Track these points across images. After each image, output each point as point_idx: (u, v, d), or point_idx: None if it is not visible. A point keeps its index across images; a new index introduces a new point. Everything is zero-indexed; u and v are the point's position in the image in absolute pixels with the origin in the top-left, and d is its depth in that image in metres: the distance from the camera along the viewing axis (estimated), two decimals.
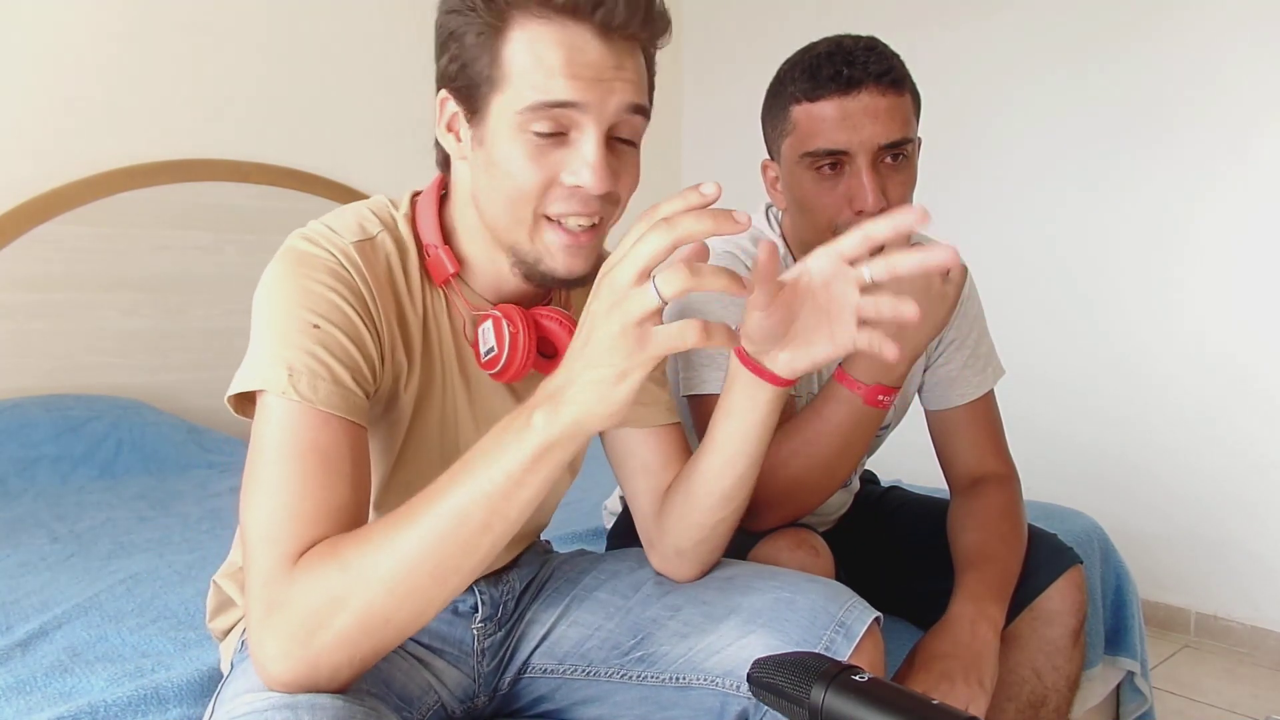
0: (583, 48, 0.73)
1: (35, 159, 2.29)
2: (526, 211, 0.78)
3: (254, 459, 0.72)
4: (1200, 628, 2.42)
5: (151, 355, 2.44)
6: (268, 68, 2.65)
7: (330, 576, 0.66)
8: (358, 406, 0.75)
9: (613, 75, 0.74)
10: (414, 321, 0.84)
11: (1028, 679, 1.18)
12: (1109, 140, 2.51)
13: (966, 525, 1.21)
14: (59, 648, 1.14)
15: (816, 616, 0.84)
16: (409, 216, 0.86)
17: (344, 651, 0.66)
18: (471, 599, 0.96)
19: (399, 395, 0.84)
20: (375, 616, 0.66)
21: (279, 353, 0.73)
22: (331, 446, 0.72)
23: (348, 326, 0.76)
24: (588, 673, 0.94)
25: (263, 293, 0.77)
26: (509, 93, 0.75)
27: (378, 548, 0.66)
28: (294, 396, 0.71)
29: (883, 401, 1.06)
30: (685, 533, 0.91)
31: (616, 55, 0.75)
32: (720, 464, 0.86)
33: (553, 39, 0.73)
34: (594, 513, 1.71)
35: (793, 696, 0.59)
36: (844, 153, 1.05)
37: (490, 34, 0.75)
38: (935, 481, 1.42)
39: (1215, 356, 2.36)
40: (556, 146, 0.76)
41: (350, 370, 0.75)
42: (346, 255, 0.78)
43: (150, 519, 1.77)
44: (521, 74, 0.74)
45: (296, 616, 0.66)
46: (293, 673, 0.66)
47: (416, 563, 0.65)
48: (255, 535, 0.69)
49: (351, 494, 0.72)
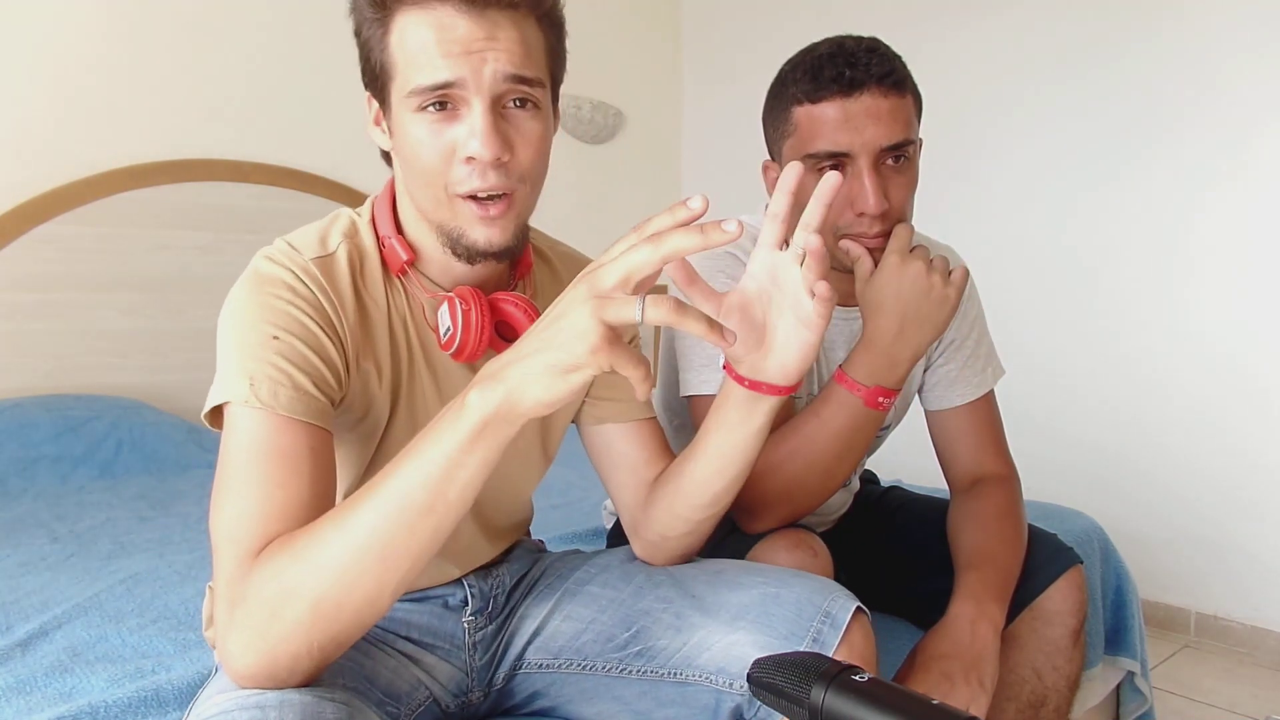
0: (451, 25, 0.76)
1: (35, 159, 2.29)
2: (440, 190, 0.80)
3: (220, 468, 0.74)
4: (1200, 628, 2.42)
5: (151, 355, 2.44)
6: (267, 67, 2.65)
7: (283, 566, 0.67)
8: (319, 410, 0.77)
9: (484, 47, 0.76)
10: (379, 319, 0.86)
11: (1028, 679, 1.18)
12: (1111, 140, 2.51)
13: (966, 526, 1.21)
14: (59, 648, 1.14)
15: (803, 609, 0.85)
16: (370, 220, 0.89)
17: (299, 640, 0.67)
18: (461, 592, 0.97)
19: (374, 397, 0.86)
20: (327, 603, 0.67)
21: (241, 365, 0.76)
22: (292, 449, 0.74)
23: (307, 336, 0.78)
24: (583, 667, 0.95)
25: (227, 312, 0.80)
26: (399, 80, 0.79)
27: (325, 536, 0.68)
28: (256, 404, 0.74)
29: (883, 404, 1.06)
30: (672, 524, 0.94)
31: (488, 27, 0.76)
32: (713, 472, 0.88)
33: (424, 22, 0.76)
34: (594, 513, 1.71)
35: (793, 696, 0.59)
36: (845, 154, 1.05)
37: (378, 27, 0.79)
38: (935, 481, 1.42)
39: (1216, 357, 2.36)
40: (449, 122, 0.78)
41: (311, 377, 0.77)
42: (306, 271, 0.81)
43: (150, 519, 1.77)
44: (405, 61, 0.78)
45: (255, 608, 0.67)
46: (255, 665, 0.67)
47: (363, 548, 0.67)
48: (220, 537, 0.71)
49: (312, 493, 0.74)
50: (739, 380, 0.82)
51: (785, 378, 0.81)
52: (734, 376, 0.82)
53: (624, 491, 0.99)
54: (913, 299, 1.04)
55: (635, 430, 0.98)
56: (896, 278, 1.04)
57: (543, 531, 1.44)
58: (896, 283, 1.04)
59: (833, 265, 1.15)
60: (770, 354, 0.80)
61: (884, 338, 1.05)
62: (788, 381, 0.81)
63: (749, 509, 1.10)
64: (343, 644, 0.70)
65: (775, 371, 0.80)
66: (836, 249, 1.10)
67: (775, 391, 0.81)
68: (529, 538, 1.12)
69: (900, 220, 1.09)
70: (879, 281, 1.06)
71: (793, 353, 0.79)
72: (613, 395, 0.98)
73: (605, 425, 0.99)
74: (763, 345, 0.80)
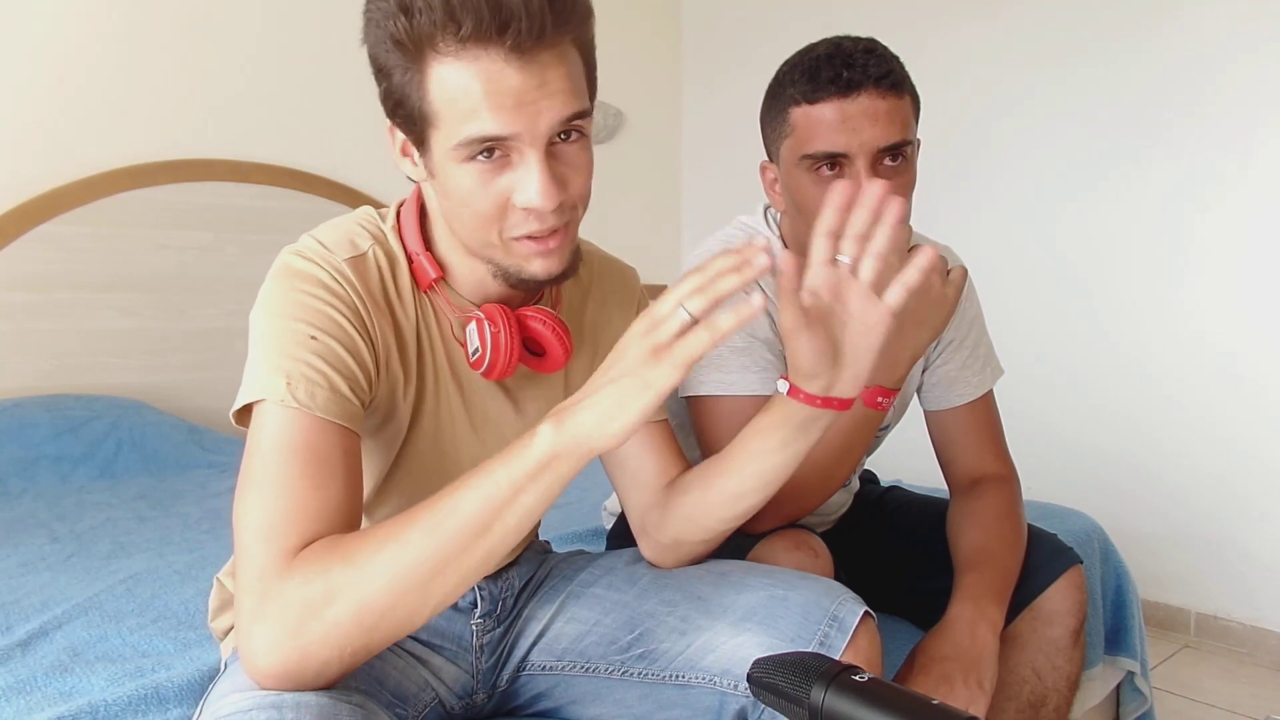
0: (500, 76, 0.71)
1: (35, 159, 2.29)
2: (493, 235, 0.79)
3: (250, 462, 0.73)
4: (1200, 628, 2.42)
5: (151, 355, 2.44)
6: (267, 67, 2.65)
7: (332, 569, 0.67)
8: (353, 414, 0.77)
9: (536, 96, 0.73)
10: (408, 330, 0.85)
11: (1028, 679, 1.18)
12: (1111, 140, 2.51)
13: (966, 526, 1.21)
14: (59, 648, 1.14)
15: (810, 612, 0.84)
16: (395, 228, 0.88)
17: (335, 644, 0.67)
18: (471, 595, 0.96)
19: (397, 405, 0.85)
20: (371, 610, 0.67)
21: (277, 363, 0.75)
22: (327, 450, 0.73)
23: (343, 338, 0.78)
24: (586, 669, 0.94)
25: (260, 308, 0.79)
26: (443, 130, 0.75)
27: (381, 544, 0.68)
28: (292, 403, 0.73)
29: (882, 403, 1.06)
30: (692, 532, 0.93)
31: (538, 73, 0.72)
32: (749, 489, 0.88)
33: (469, 73, 0.71)
34: (593, 513, 1.71)
35: (793, 696, 0.59)
36: (843, 155, 1.05)
37: (413, 73, 0.74)
38: (935, 481, 1.42)
39: (1216, 356, 2.36)
40: (501, 169, 0.76)
41: (346, 379, 0.76)
42: (339, 271, 0.80)
43: (150, 519, 1.77)
44: (448, 111, 0.73)
45: (291, 607, 0.66)
46: (282, 664, 0.66)
47: (417, 560, 0.67)
48: (251, 532, 0.70)
49: (346, 497, 0.74)
50: (810, 400, 0.80)
51: (856, 388, 0.80)
52: (804, 398, 0.80)
53: (633, 494, 0.98)
54: (912, 299, 1.04)
55: (647, 433, 0.97)
56: None
57: (544, 532, 1.44)
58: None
59: None
60: (844, 368, 0.79)
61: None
62: (858, 391, 0.81)
63: None
64: (372, 652, 0.69)
65: (848, 384, 0.80)
66: None
67: (845, 405, 0.81)
68: (538, 540, 1.12)
69: None
70: None
71: (863, 360, 0.78)
72: None
73: None
74: (835, 360, 0.79)
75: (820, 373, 0.79)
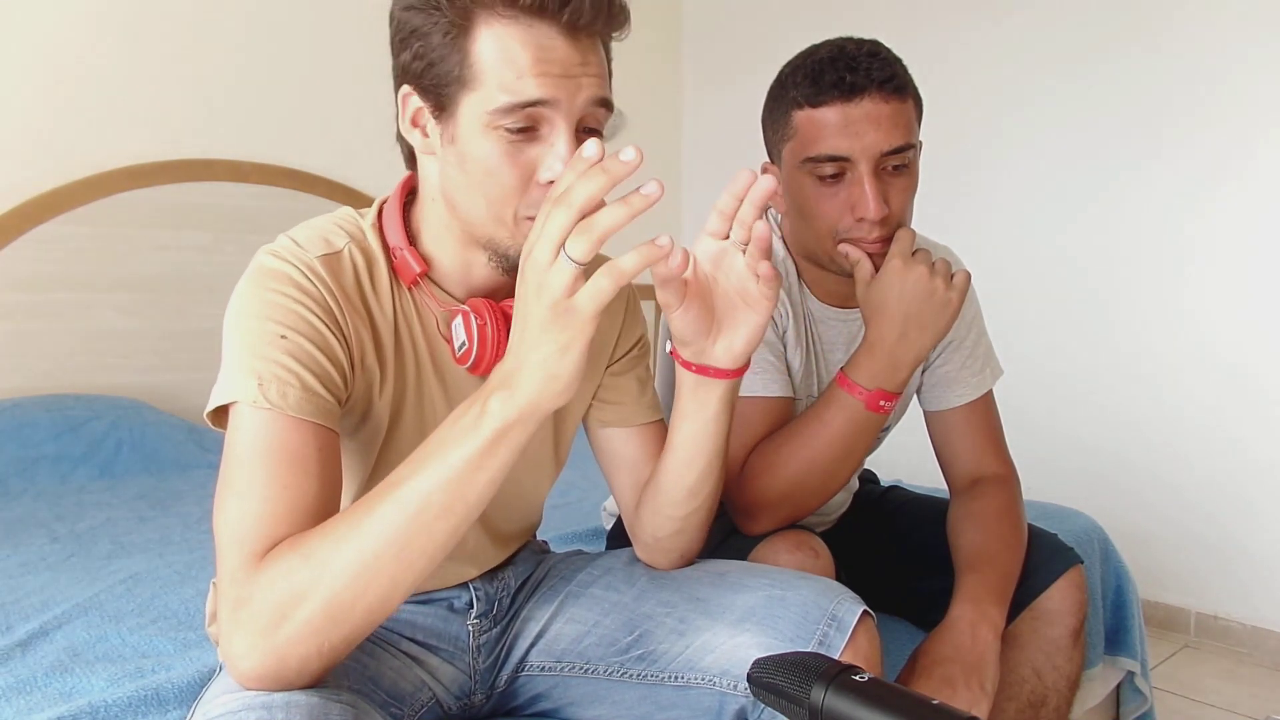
0: (550, 46, 0.74)
1: (35, 159, 2.29)
2: (507, 212, 0.79)
3: (225, 467, 0.74)
4: (1200, 628, 2.42)
5: (151, 355, 2.44)
6: (266, 67, 2.65)
7: (293, 568, 0.67)
8: (328, 411, 0.76)
9: (580, 72, 0.76)
10: (385, 328, 0.85)
11: (1028, 679, 1.18)
12: (1115, 144, 2.51)
13: (966, 526, 1.21)
14: (59, 648, 1.14)
15: (809, 612, 0.85)
16: (375, 225, 0.87)
17: (311, 641, 0.67)
18: (466, 595, 0.96)
19: (374, 402, 0.85)
20: (340, 604, 0.67)
21: (249, 364, 0.75)
22: (300, 449, 0.73)
23: (314, 336, 0.77)
24: (586, 670, 0.95)
25: (232, 310, 0.79)
26: (480, 92, 0.75)
27: (340, 537, 0.68)
28: (264, 404, 0.73)
29: (884, 407, 1.06)
30: (660, 524, 0.94)
31: (582, 52, 0.76)
32: (681, 464, 0.89)
33: (521, 38, 0.74)
34: (593, 513, 1.71)
35: (793, 696, 0.59)
36: (846, 159, 1.05)
37: (457, 33, 0.75)
38: (935, 481, 1.42)
39: (1218, 358, 2.36)
40: (528, 143, 0.77)
41: (319, 377, 0.76)
42: (311, 269, 0.79)
43: (150, 519, 1.77)
44: (491, 74, 0.75)
45: (262, 610, 0.67)
46: (261, 666, 0.67)
47: (378, 549, 0.67)
48: (225, 538, 0.71)
49: (321, 494, 0.73)
50: (686, 366, 0.84)
51: (732, 360, 0.83)
52: (681, 362, 0.84)
53: (625, 494, 1.00)
54: (915, 302, 1.04)
55: (638, 434, 0.99)
56: (899, 281, 1.04)
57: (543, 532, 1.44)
58: (899, 286, 1.04)
59: (831, 268, 1.15)
60: (718, 338, 0.82)
61: (886, 341, 1.05)
62: (735, 365, 0.83)
63: (749, 510, 1.10)
64: (351, 644, 0.70)
65: (723, 355, 0.82)
66: (835, 252, 1.10)
67: (722, 375, 0.83)
68: (535, 540, 1.12)
69: (900, 224, 1.09)
70: (882, 285, 1.06)
71: (740, 335, 0.81)
72: (616, 400, 0.99)
73: (609, 429, 1.00)
74: (710, 330, 0.82)
75: (690, 340, 0.82)
